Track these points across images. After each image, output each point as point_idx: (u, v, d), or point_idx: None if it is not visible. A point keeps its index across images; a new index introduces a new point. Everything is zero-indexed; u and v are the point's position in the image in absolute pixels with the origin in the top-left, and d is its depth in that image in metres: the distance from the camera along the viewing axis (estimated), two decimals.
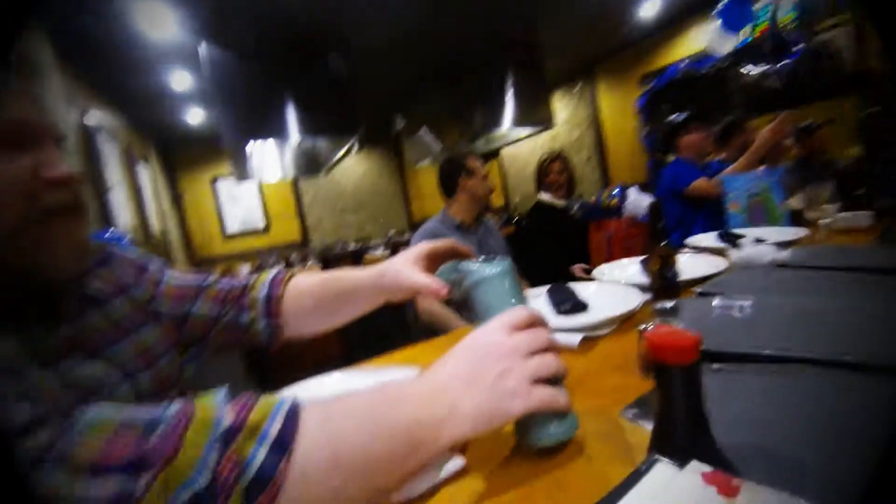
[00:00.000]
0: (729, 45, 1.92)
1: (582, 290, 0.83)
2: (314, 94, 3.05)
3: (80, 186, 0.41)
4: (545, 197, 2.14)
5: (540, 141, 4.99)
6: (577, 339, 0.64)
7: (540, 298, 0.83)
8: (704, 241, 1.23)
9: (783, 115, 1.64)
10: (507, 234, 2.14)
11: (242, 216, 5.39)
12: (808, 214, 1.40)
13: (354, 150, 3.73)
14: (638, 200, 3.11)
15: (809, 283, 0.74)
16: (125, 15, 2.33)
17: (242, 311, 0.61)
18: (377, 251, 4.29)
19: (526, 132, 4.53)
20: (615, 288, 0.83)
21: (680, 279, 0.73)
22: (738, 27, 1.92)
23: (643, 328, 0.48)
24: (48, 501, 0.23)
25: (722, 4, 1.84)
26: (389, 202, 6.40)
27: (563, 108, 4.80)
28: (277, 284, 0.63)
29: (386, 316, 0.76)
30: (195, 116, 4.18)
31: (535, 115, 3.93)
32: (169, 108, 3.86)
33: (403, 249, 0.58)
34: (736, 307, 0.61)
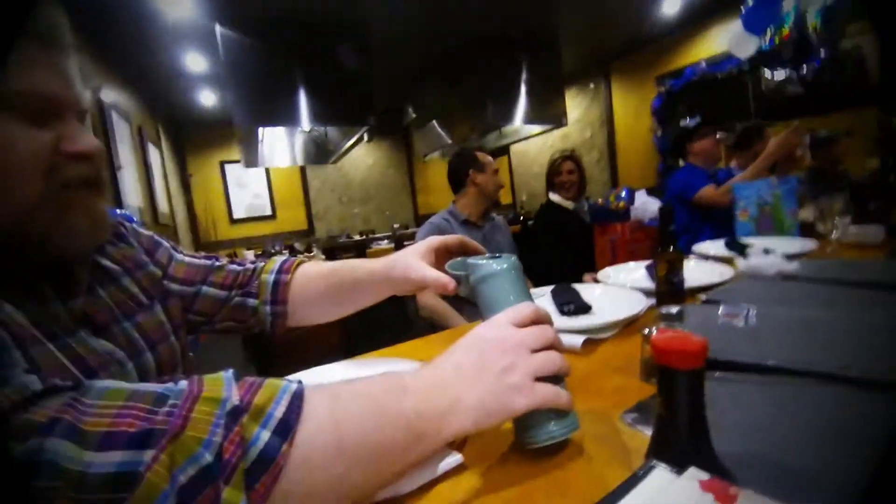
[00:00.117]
0: (751, 47, 1.87)
1: (586, 292, 0.83)
2: (327, 81, 3.04)
3: (100, 161, 0.41)
4: (555, 198, 2.13)
5: (550, 139, 4.95)
6: (579, 340, 0.64)
7: (544, 298, 0.83)
8: (712, 248, 1.23)
9: (794, 126, 1.62)
10: (513, 232, 2.13)
11: (249, 201, 5.41)
12: (818, 226, 1.39)
13: (364, 140, 3.72)
14: (646, 204, 3.09)
15: (816, 296, 0.74)
16: None
17: (250, 294, 0.61)
18: (381, 243, 4.29)
19: (537, 129, 4.49)
20: (620, 291, 0.83)
21: (686, 286, 0.73)
22: (760, 30, 1.87)
23: (647, 332, 0.48)
24: (56, 471, 0.23)
25: (746, 5, 1.79)
26: (396, 195, 6.39)
27: (575, 106, 4.73)
28: (286, 270, 0.63)
29: (387, 309, 0.76)
30: (207, 99, 4.19)
31: (547, 112, 3.88)
32: (182, 89, 3.87)
33: (408, 243, 0.58)
34: (741, 316, 0.61)
